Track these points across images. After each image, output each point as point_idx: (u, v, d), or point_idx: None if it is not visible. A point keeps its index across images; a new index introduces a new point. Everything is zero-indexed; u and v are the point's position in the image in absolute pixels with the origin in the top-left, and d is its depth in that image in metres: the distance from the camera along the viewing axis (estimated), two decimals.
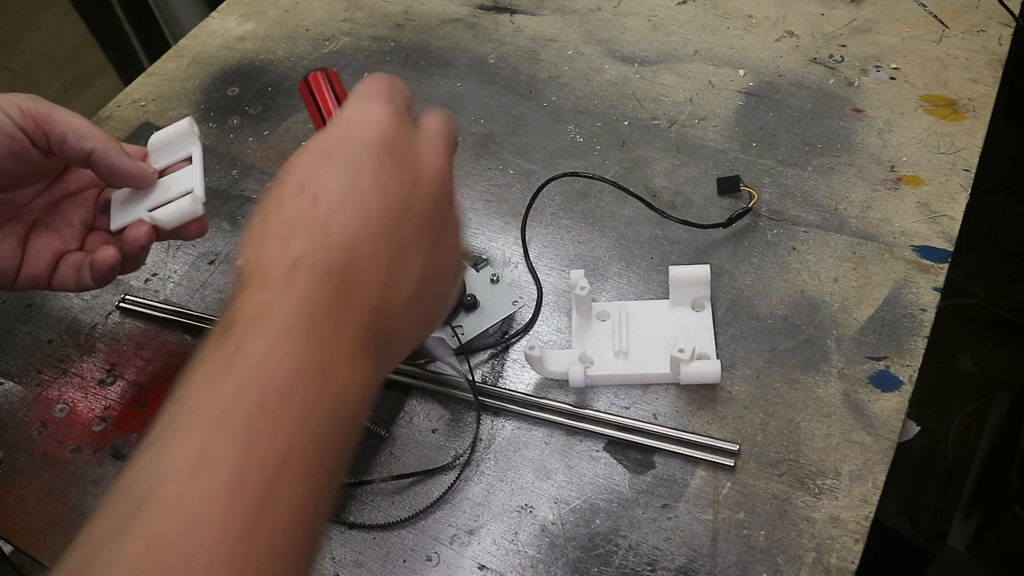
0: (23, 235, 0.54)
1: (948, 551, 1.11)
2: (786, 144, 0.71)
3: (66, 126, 0.49)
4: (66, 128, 0.49)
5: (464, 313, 0.62)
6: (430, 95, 0.81)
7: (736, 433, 0.54)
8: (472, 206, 0.70)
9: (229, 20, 0.93)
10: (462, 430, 0.57)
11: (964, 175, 0.66)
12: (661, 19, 0.85)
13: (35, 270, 0.53)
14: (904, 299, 0.59)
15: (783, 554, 0.49)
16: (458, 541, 0.52)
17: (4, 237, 0.53)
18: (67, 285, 0.54)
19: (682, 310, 0.60)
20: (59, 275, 0.54)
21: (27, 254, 0.53)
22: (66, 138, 0.49)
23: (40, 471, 0.59)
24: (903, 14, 0.81)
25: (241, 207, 0.74)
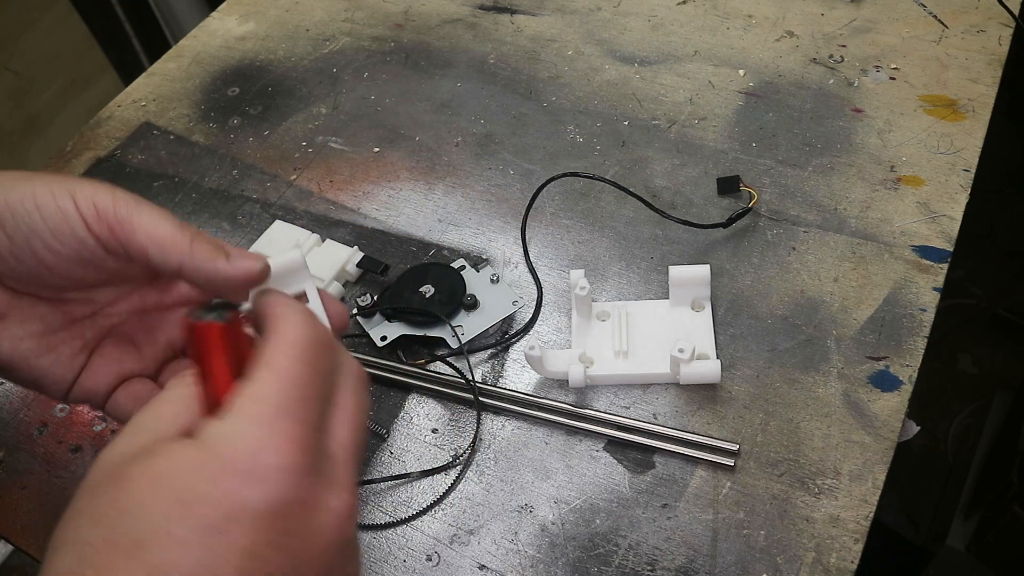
0: (92, 341, 0.43)
1: (948, 551, 1.11)
2: (786, 144, 0.71)
3: (147, 238, 0.38)
4: (147, 240, 0.38)
5: (464, 313, 0.62)
6: (430, 95, 0.81)
7: (736, 433, 0.54)
8: (472, 206, 0.70)
9: (229, 20, 0.93)
10: (462, 430, 0.57)
11: (964, 175, 0.66)
12: (661, 19, 0.85)
13: (93, 385, 0.42)
14: (904, 299, 0.59)
15: (783, 554, 0.49)
16: (458, 541, 0.52)
17: (67, 339, 0.42)
18: (120, 414, 0.43)
19: (682, 310, 0.60)
20: (115, 400, 0.43)
21: (90, 364, 0.42)
22: (147, 251, 0.38)
23: (40, 471, 0.59)
24: (903, 14, 0.81)
25: (241, 207, 0.74)
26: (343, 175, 0.75)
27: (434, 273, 0.64)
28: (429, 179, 0.73)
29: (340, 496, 0.30)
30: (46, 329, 0.41)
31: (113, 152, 0.80)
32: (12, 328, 0.40)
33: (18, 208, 0.37)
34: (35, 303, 0.41)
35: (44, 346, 0.41)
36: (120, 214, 0.38)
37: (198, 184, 0.76)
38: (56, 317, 0.41)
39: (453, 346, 0.60)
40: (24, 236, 0.38)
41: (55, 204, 0.37)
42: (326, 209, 0.72)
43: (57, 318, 0.41)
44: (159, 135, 0.81)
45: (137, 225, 0.38)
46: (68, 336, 0.42)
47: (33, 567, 0.56)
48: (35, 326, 0.41)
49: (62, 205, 0.37)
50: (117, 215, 0.38)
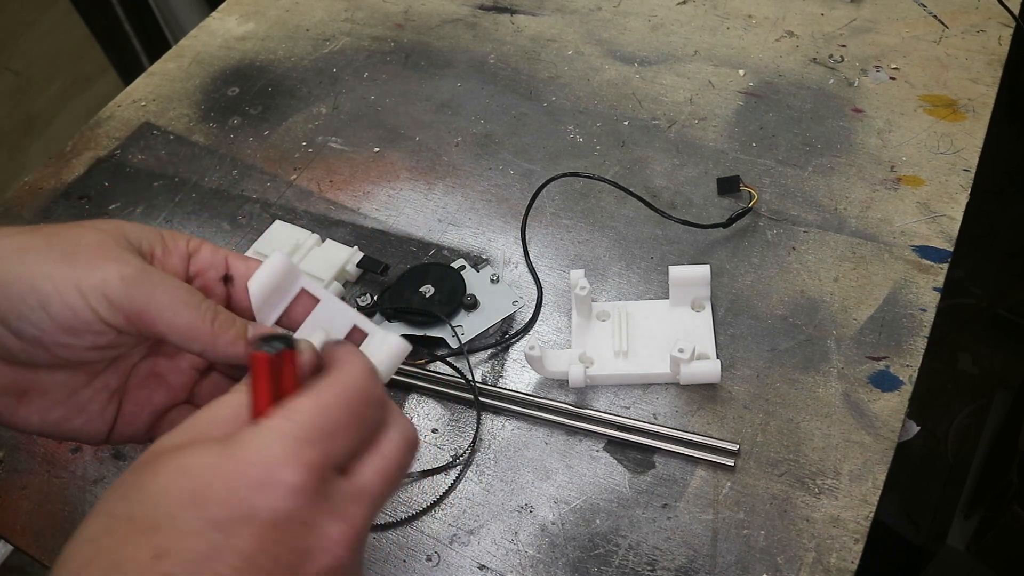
0: (118, 388, 0.42)
1: (948, 551, 1.11)
2: (786, 144, 0.71)
3: (167, 327, 0.37)
4: (167, 329, 0.37)
5: (464, 313, 0.62)
6: (430, 95, 0.81)
7: (736, 433, 0.54)
8: (472, 206, 0.70)
9: (229, 20, 0.93)
10: (462, 430, 0.57)
11: (964, 175, 0.66)
12: (661, 19, 0.85)
13: (131, 429, 0.42)
14: (904, 299, 0.59)
15: (783, 554, 0.49)
16: (458, 541, 0.52)
17: (93, 395, 0.41)
18: None
19: (682, 310, 0.60)
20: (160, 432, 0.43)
21: (122, 412, 0.42)
22: (166, 339, 0.38)
23: (40, 471, 0.59)
24: (903, 14, 0.81)
25: (241, 207, 0.74)
26: (343, 175, 0.75)
27: (434, 273, 0.64)
28: (429, 179, 0.73)
29: (340, 527, 0.31)
30: (70, 393, 0.40)
31: (113, 152, 0.80)
32: (36, 402, 0.40)
33: (20, 308, 0.36)
34: (52, 372, 0.40)
35: (72, 410, 0.40)
36: (136, 304, 0.37)
37: (198, 184, 0.76)
38: (78, 379, 0.40)
39: (453, 346, 0.60)
40: (32, 335, 0.37)
41: (62, 301, 0.36)
42: (326, 209, 0.72)
43: (80, 379, 0.40)
44: (159, 135, 0.81)
45: (155, 315, 0.37)
46: (93, 393, 0.41)
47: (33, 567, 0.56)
48: (59, 394, 0.40)
49: (70, 302, 0.36)
50: (133, 305, 0.37)
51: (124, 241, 0.39)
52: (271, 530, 0.29)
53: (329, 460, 0.31)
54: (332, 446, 0.32)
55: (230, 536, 0.29)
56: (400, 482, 0.36)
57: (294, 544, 0.30)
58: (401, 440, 0.35)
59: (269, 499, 0.29)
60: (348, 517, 0.32)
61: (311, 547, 0.30)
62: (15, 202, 0.77)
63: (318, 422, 0.32)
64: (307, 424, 0.31)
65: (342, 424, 0.32)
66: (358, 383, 0.34)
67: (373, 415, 0.34)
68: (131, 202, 0.76)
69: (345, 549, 0.31)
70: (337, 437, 0.32)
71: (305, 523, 0.30)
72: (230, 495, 0.29)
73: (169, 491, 0.29)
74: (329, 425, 0.32)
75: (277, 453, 0.30)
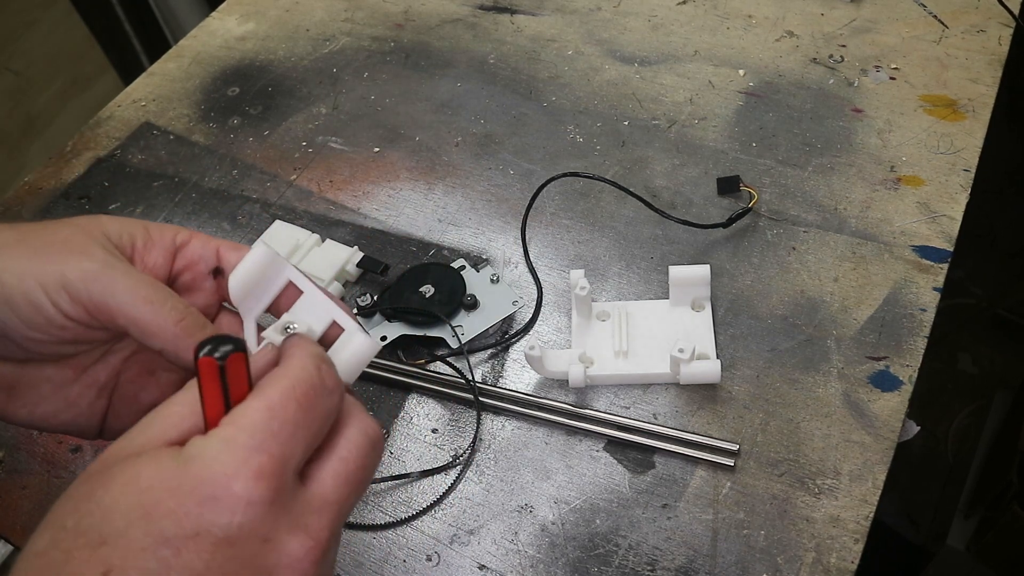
0: (107, 382, 0.41)
1: (948, 551, 1.11)
2: (786, 144, 0.71)
3: (126, 321, 0.36)
4: (127, 323, 0.36)
5: (464, 313, 0.62)
6: (430, 95, 0.81)
7: (736, 433, 0.54)
8: (472, 206, 0.70)
9: (229, 20, 0.93)
10: (462, 430, 0.57)
11: (964, 175, 0.66)
12: (661, 19, 0.85)
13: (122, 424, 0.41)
14: (904, 299, 0.59)
15: (783, 554, 0.49)
16: (458, 541, 0.52)
17: (82, 390, 0.41)
18: None
19: (682, 310, 0.60)
20: None
21: (113, 406, 0.42)
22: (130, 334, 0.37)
23: (40, 471, 0.59)
24: (903, 14, 0.81)
25: (241, 207, 0.74)
26: (343, 175, 0.75)
27: (434, 273, 0.64)
28: (429, 179, 0.73)
29: (301, 540, 0.30)
30: (58, 388, 0.40)
31: (113, 152, 0.80)
32: (24, 396, 0.40)
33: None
34: (40, 367, 0.40)
35: (61, 404, 0.40)
36: (95, 297, 0.36)
37: (198, 184, 0.76)
38: (66, 374, 0.40)
39: (453, 346, 0.60)
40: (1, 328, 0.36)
41: (24, 297, 0.36)
42: (326, 209, 0.72)
43: (67, 374, 0.40)
44: (159, 135, 0.81)
45: (116, 309, 0.36)
46: (82, 388, 0.41)
47: None
48: (47, 389, 0.40)
49: (32, 298, 0.36)
50: (92, 299, 0.36)
51: (100, 236, 0.38)
52: (225, 547, 0.28)
53: (285, 465, 0.30)
54: (284, 448, 0.30)
55: (180, 553, 0.28)
56: (365, 485, 0.34)
57: (253, 562, 0.29)
58: (362, 439, 0.33)
59: (220, 515, 0.28)
60: (310, 529, 0.30)
61: (272, 565, 0.29)
62: (15, 202, 0.77)
63: (268, 425, 0.30)
64: (256, 428, 0.30)
65: (293, 422, 0.31)
66: (305, 374, 0.32)
67: (325, 406, 0.32)
68: (131, 202, 0.76)
69: (310, 564, 0.30)
70: (291, 438, 0.30)
71: (263, 538, 0.29)
72: (180, 510, 0.28)
73: (119, 505, 0.28)
74: (279, 426, 0.30)
75: (227, 464, 0.29)
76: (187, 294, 0.41)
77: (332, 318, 0.39)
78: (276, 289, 0.40)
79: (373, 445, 0.34)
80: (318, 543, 0.30)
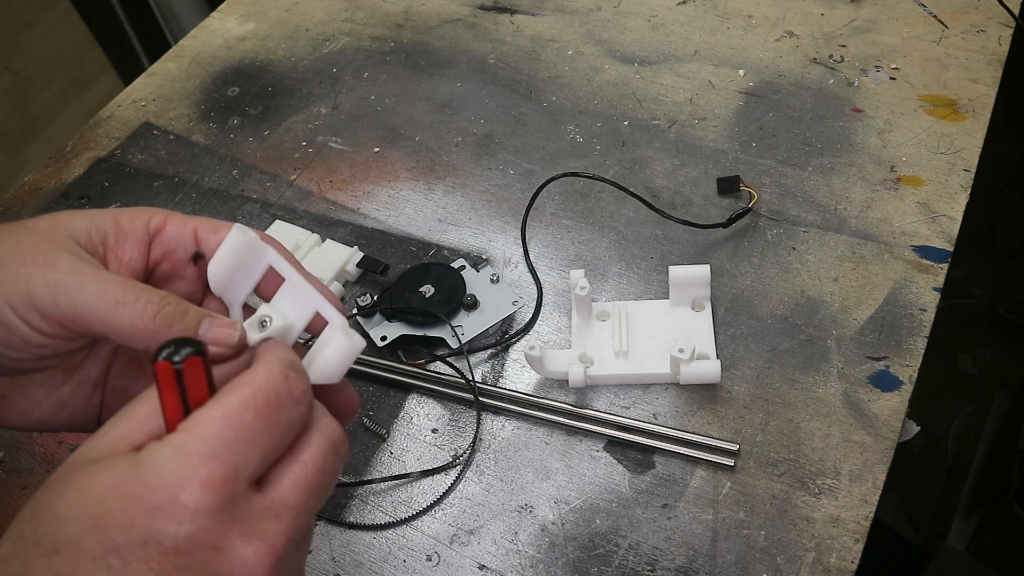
0: (99, 377, 0.40)
1: (948, 551, 1.11)
2: (786, 144, 0.71)
3: (103, 327, 0.35)
4: (104, 330, 0.35)
5: (464, 313, 0.62)
6: (430, 95, 0.81)
7: (736, 433, 0.54)
8: (472, 206, 0.70)
9: (229, 20, 0.93)
10: (462, 430, 0.57)
11: (964, 175, 0.66)
12: (661, 19, 0.85)
13: None
14: (904, 299, 0.59)
15: (783, 554, 0.49)
16: (458, 541, 0.52)
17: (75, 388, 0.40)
18: None
19: (682, 310, 0.60)
20: None
21: (106, 400, 0.41)
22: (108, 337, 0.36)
23: (40, 471, 0.59)
24: (903, 14, 0.81)
25: (241, 207, 0.74)
26: (343, 175, 0.75)
27: (434, 273, 0.64)
28: (429, 179, 0.73)
29: (255, 548, 0.29)
30: (50, 391, 0.39)
31: (113, 152, 0.80)
32: (18, 404, 0.39)
33: None
34: (30, 375, 0.39)
35: (56, 406, 0.40)
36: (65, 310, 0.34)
37: (198, 184, 0.76)
38: (56, 376, 0.39)
39: (453, 346, 0.60)
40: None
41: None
42: (326, 209, 0.72)
43: (57, 376, 0.39)
44: (159, 135, 0.81)
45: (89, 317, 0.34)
46: (74, 387, 0.40)
47: None
48: (39, 394, 0.39)
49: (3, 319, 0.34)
50: (63, 312, 0.34)
51: (65, 239, 0.36)
52: (173, 556, 0.28)
53: (237, 473, 0.29)
54: (240, 457, 0.29)
55: (129, 563, 0.27)
56: (327, 489, 0.33)
57: (204, 570, 0.28)
58: (324, 444, 0.32)
59: (168, 523, 0.28)
60: (265, 536, 0.30)
61: (225, 573, 0.29)
62: (15, 202, 0.77)
63: (223, 433, 0.29)
64: (210, 437, 0.29)
65: (249, 430, 0.30)
66: (269, 382, 0.31)
67: (288, 416, 0.31)
68: (131, 202, 0.76)
69: (264, 571, 0.29)
70: (246, 447, 0.30)
71: (213, 547, 0.28)
72: (129, 519, 0.28)
73: (72, 514, 0.28)
74: (235, 435, 0.29)
75: (177, 472, 0.28)
76: (168, 283, 0.40)
77: (315, 308, 0.36)
78: (258, 274, 0.38)
79: (335, 449, 0.33)
80: (273, 549, 0.30)
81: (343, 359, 0.35)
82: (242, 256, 0.37)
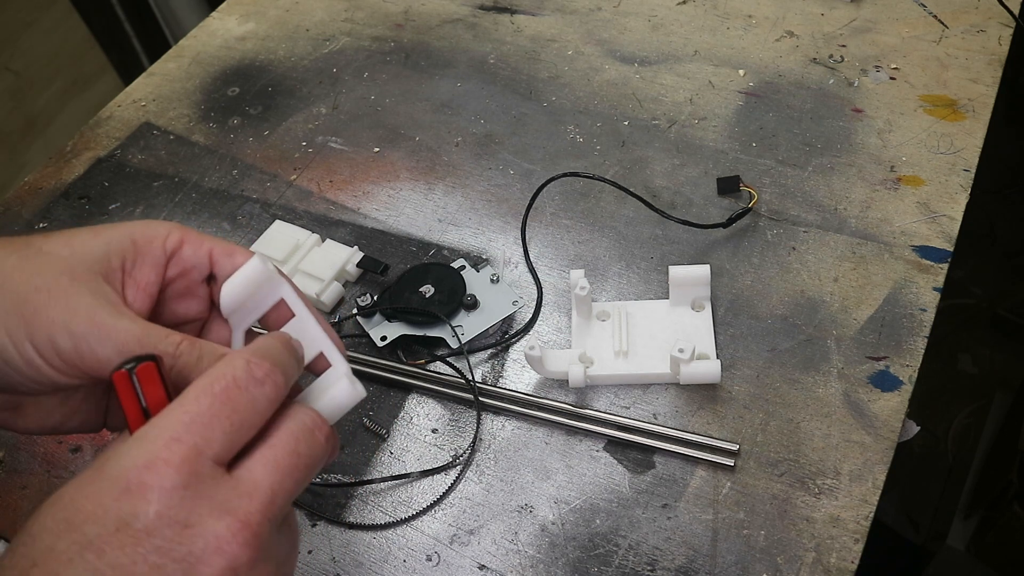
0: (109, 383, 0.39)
1: (948, 551, 1.11)
2: (786, 144, 0.71)
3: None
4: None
5: (464, 313, 0.62)
6: (430, 95, 0.81)
7: (736, 433, 0.54)
8: (472, 206, 0.70)
9: (229, 20, 0.93)
10: (462, 430, 0.57)
11: (964, 175, 0.66)
12: (661, 19, 0.85)
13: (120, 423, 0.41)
14: (904, 299, 0.59)
15: (783, 554, 0.49)
16: (458, 541, 0.52)
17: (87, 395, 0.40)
18: None
19: (682, 310, 0.60)
20: None
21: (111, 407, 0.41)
22: None
23: (40, 471, 0.59)
24: (903, 14, 0.81)
25: (241, 207, 0.74)
26: (343, 175, 0.75)
27: (434, 273, 0.64)
28: (429, 179, 0.73)
29: (227, 522, 0.29)
30: (63, 400, 0.40)
31: (113, 152, 0.80)
32: (32, 415, 0.39)
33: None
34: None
35: (68, 413, 0.40)
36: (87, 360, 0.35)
37: (198, 184, 0.76)
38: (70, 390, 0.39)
39: (453, 346, 0.60)
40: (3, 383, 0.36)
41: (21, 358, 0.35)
42: (326, 209, 0.72)
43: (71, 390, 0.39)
44: (159, 135, 0.81)
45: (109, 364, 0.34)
46: (86, 393, 0.40)
47: None
48: (51, 402, 0.39)
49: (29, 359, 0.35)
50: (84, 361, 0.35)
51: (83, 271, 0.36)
52: (146, 537, 0.28)
53: (200, 451, 0.30)
54: (200, 438, 0.30)
55: (104, 553, 0.28)
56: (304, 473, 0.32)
57: (178, 550, 0.28)
58: (296, 427, 0.33)
59: (137, 504, 0.28)
60: (238, 512, 0.30)
61: (199, 550, 0.29)
62: (15, 202, 0.77)
63: (179, 418, 0.30)
64: (167, 424, 0.30)
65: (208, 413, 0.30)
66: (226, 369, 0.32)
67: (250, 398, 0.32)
68: (131, 202, 0.76)
69: (240, 547, 0.29)
70: (204, 427, 0.30)
71: (184, 524, 0.29)
72: (98, 510, 0.28)
73: (45, 524, 0.29)
74: (191, 418, 0.30)
75: (139, 458, 0.29)
76: (180, 299, 0.41)
77: (320, 350, 0.37)
78: (268, 304, 0.39)
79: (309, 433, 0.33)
80: (247, 525, 0.30)
81: (344, 405, 0.35)
82: (257, 284, 0.38)
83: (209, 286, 0.41)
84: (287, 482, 0.32)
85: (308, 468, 0.33)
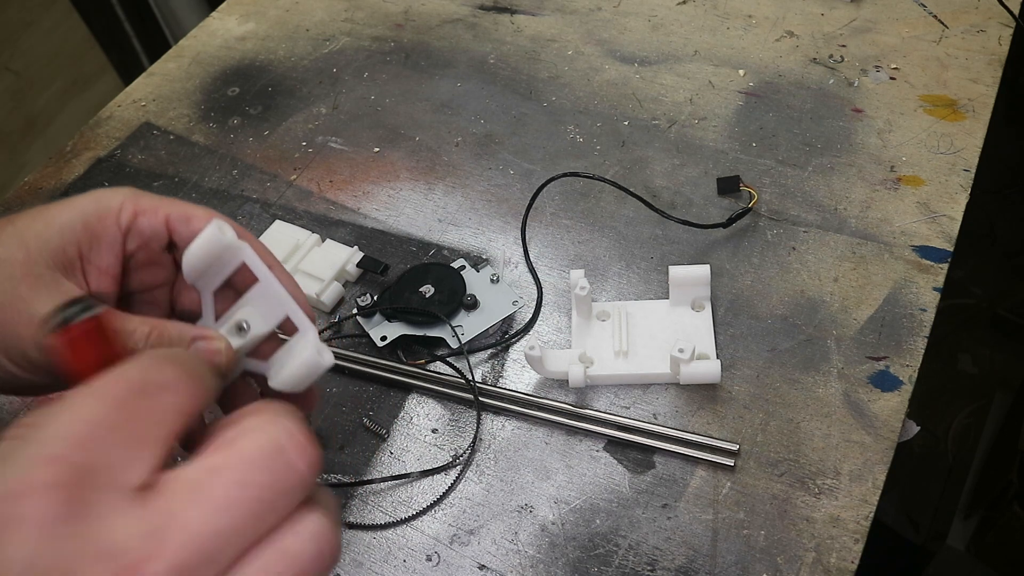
0: None
1: (948, 551, 1.11)
2: (786, 144, 0.71)
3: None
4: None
5: (464, 313, 0.62)
6: (430, 95, 0.81)
7: (736, 433, 0.54)
8: (472, 206, 0.70)
9: (229, 20, 0.93)
10: (462, 430, 0.57)
11: (964, 175, 0.66)
12: (661, 19, 0.85)
13: None
14: (904, 299, 0.59)
15: (783, 554, 0.49)
16: (458, 541, 0.52)
17: None
18: None
19: (682, 310, 0.60)
20: None
21: None
22: None
23: None
24: (903, 14, 0.81)
25: (241, 207, 0.74)
26: (343, 175, 0.75)
27: (434, 273, 0.64)
28: (429, 179, 0.73)
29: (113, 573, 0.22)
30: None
31: (113, 152, 0.80)
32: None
33: None
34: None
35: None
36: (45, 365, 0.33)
37: (198, 184, 0.76)
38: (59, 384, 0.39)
39: (453, 346, 0.60)
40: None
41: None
42: (326, 209, 0.72)
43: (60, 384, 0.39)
44: (159, 135, 0.81)
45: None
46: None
47: None
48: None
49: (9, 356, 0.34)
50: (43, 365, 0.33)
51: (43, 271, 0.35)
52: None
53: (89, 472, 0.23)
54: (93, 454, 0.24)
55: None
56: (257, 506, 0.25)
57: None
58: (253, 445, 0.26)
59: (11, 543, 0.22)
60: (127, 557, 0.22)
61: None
62: (15, 202, 0.77)
63: (69, 428, 0.24)
64: (51, 437, 0.24)
65: (107, 424, 0.24)
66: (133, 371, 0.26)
67: (159, 407, 0.26)
68: None
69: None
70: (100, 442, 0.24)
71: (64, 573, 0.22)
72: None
73: None
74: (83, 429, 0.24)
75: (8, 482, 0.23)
76: (145, 269, 0.39)
77: (286, 313, 0.35)
78: (231, 269, 0.38)
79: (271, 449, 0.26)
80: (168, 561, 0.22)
81: (307, 375, 0.34)
82: (216, 251, 0.37)
83: (171, 253, 0.39)
84: (222, 517, 0.24)
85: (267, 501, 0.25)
